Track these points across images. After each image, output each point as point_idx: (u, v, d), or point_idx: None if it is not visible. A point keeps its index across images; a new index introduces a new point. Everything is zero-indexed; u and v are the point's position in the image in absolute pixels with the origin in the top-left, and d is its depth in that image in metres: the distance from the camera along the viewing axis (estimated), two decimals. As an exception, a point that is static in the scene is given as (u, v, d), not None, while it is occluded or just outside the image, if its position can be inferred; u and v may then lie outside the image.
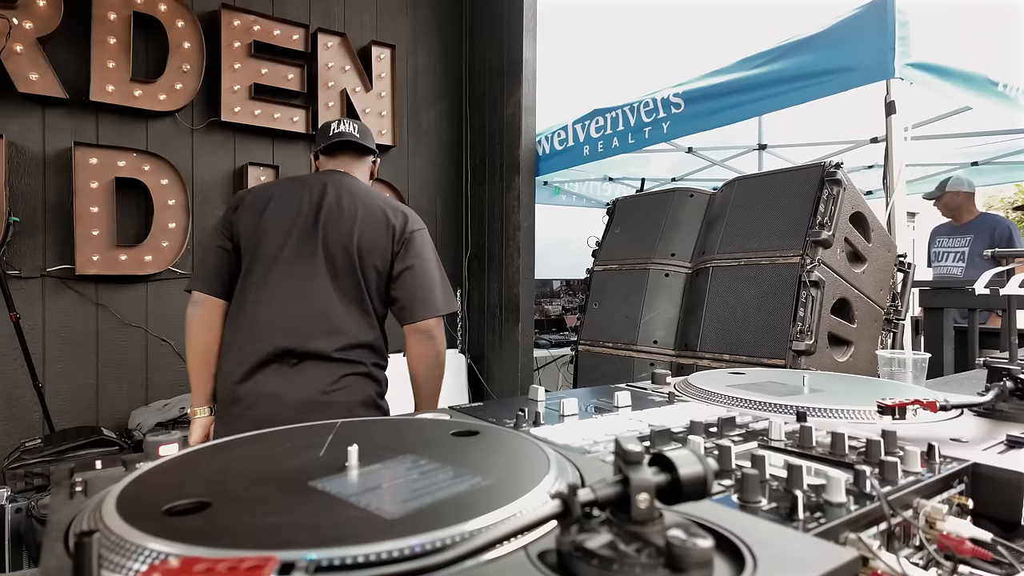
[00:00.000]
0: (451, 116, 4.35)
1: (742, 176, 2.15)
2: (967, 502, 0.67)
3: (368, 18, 3.96)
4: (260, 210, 1.69)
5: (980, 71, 2.58)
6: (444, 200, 4.32)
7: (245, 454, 0.65)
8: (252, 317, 1.61)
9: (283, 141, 3.59)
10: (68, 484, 0.58)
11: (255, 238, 1.66)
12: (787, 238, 1.80)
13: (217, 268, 1.68)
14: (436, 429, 0.73)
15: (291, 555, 0.37)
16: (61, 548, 0.45)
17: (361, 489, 0.51)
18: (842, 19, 2.48)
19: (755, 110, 2.87)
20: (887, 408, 0.80)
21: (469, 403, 1.04)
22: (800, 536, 0.45)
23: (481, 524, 0.42)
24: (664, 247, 2.17)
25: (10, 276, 2.79)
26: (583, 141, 3.70)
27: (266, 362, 1.57)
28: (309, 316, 1.60)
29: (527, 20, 3.83)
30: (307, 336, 1.58)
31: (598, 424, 0.87)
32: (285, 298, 1.61)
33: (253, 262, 1.66)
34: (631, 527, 0.38)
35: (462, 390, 4.13)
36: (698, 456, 0.41)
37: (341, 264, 1.65)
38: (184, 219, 3.20)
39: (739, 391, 1.02)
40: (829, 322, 1.73)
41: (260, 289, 1.62)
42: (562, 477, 0.53)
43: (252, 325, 1.60)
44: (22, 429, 2.85)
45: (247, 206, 1.72)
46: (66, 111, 2.97)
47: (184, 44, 3.21)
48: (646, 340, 2.09)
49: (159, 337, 3.20)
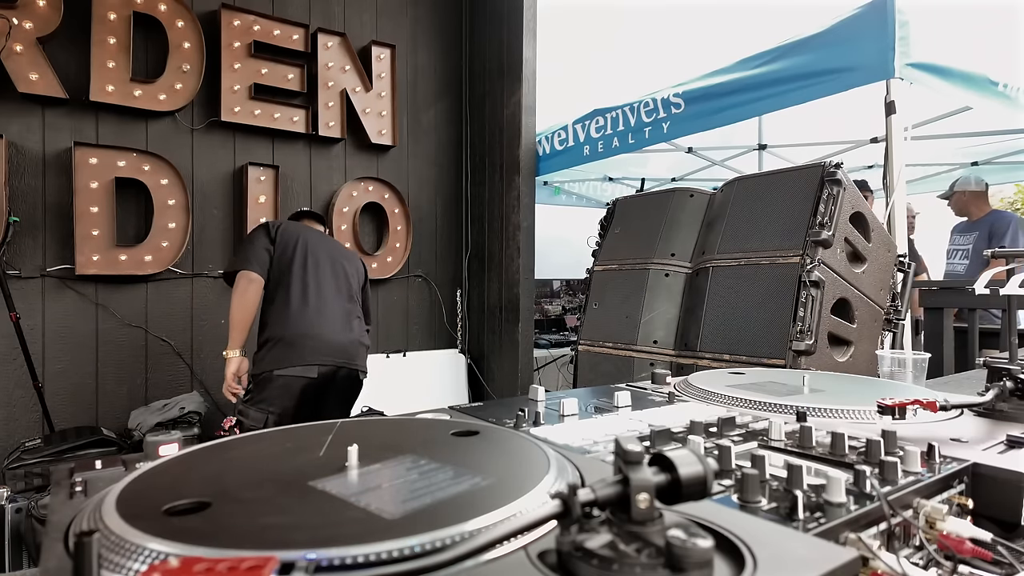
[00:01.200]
0: (451, 116, 4.35)
1: (742, 176, 2.15)
2: (967, 502, 0.67)
3: (368, 18, 3.96)
4: (296, 234, 2.54)
5: (980, 71, 2.58)
6: (444, 200, 4.32)
7: (245, 454, 0.65)
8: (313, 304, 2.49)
9: (283, 141, 3.59)
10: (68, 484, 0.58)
11: (302, 251, 2.50)
12: (787, 238, 1.80)
13: (265, 259, 2.43)
14: (436, 429, 0.73)
15: (291, 555, 0.37)
16: (61, 548, 0.45)
17: (361, 489, 0.51)
18: (842, 19, 2.48)
19: (755, 110, 2.87)
20: (887, 408, 0.80)
21: (469, 403, 1.04)
22: (800, 536, 0.45)
23: (481, 524, 0.42)
24: (664, 247, 2.17)
25: (10, 276, 2.79)
26: (583, 141, 3.70)
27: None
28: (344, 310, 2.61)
29: (527, 20, 3.83)
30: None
31: (598, 424, 0.87)
32: (328, 294, 2.53)
33: (302, 266, 2.48)
34: (631, 527, 0.38)
35: (462, 390, 4.13)
36: (698, 456, 0.41)
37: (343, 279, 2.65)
38: (184, 219, 3.20)
39: (739, 391, 1.02)
40: (829, 322, 1.73)
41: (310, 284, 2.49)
42: (562, 477, 0.53)
43: (321, 309, 2.49)
44: (22, 429, 2.85)
45: (285, 228, 2.54)
46: (66, 111, 2.97)
47: (184, 44, 3.21)
48: (646, 340, 2.09)
49: (159, 337, 3.20)
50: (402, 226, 4.02)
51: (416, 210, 4.12)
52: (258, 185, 3.43)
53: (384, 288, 3.99)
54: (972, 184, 4.05)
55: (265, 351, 2.41)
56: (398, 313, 4.07)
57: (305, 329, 2.43)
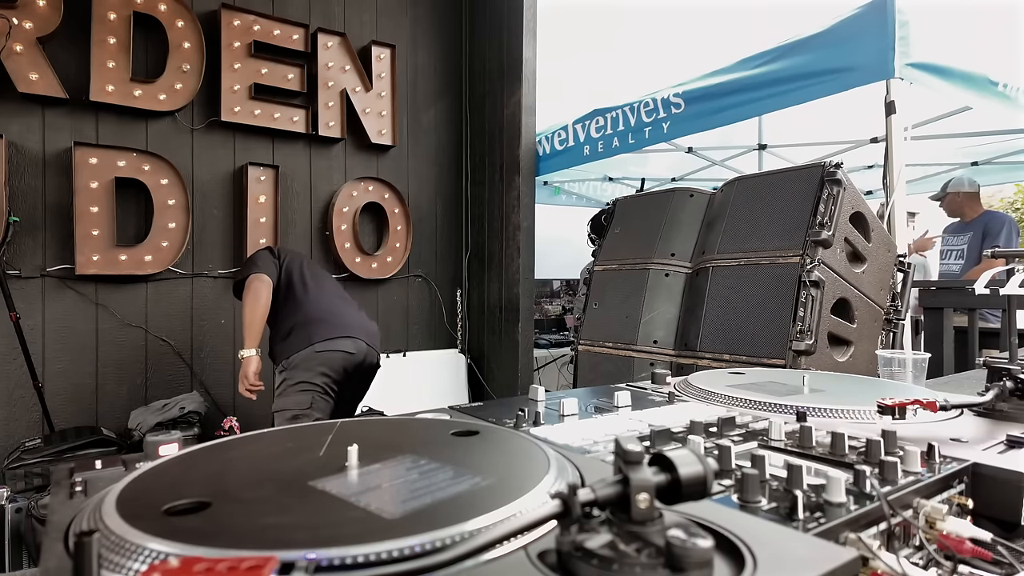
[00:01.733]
0: (451, 116, 4.35)
1: (742, 176, 2.15)
2: (967, 502, 0.67)
3: (368, 18, 3.96)
4: (294, 254, 2.77)
5: (980, 71, 2.58)
6: (444, 200, 4.32)
7: (245, 454, 0.65)
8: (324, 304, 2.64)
9: (283, 141, 3.59)
10: (68, 484, 0.58)
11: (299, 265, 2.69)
12: (787, 238, 1.80)
13: (273, 269, 2.57)
14: (436, 429, 0.73)
15: (291, 555, 0.37)
16: (61, 548, 0.45)
17: (361, 489, 0.51)
18: (842, 19, 2.48)
19: (755, 110, 2.87)
20: (887, 408, 0.80)
21: (469, 403, 1.04)
22: (800, 536, 0.45)
23: (481, 524, 0.42)
24: (664, 247, 2.17)
25: (10, 276, 2.79)
26: (583, 141, 3.70)
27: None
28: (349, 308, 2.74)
29: (527, 20, 3.83)
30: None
31: (598, 424, 0.87)
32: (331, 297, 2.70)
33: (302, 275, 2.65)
34: (631, 527, 0.38)
35: (462, 390, 4.13)
36: (698, 456, 0.41)
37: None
38: (184, 219, 3.20)
39: (739, 391, 1.02)
40: (829, 322, 1.73)
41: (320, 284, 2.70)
42: (562, 477, 0.53)
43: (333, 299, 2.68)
44: (22, 429, 2.85)
45: (283, 249, 2.78)
46: (66, 111, 2.97)
47: (184, 44, 3.21)
48: (646, 340, 2.09)
49: (159, 337, 3.20)
50: (402, 226, 4.02)
51: (416, 210, 4.12)
52: (258, 185, 3.44)
53: (384, 288, 3.99)
54: (966, 185, 4.06)
55: (293, 336, 2.47)
56: (398, 313, 4.07)
57: (329, 308, 2.58)
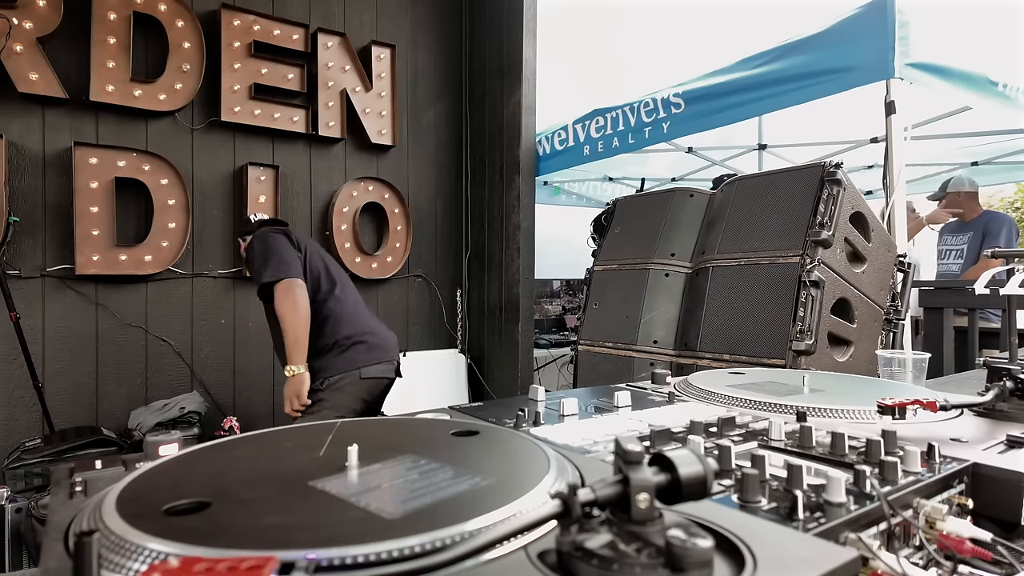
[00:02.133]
0: (451, 116, 4.35)
1: (742, 176, 2.15)
2: (967, 502, 0.67)
3: (368, 18, 3.96)
4: (303, 239, 2.49)
5: (980, 71, 2.58)
6: (444, 200, 4.32)
7: (245, 454, 0.65)
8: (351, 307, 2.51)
9: (283, 141, 3.59)
10: (68, 484, 0.58)
11: (318, 256, 2.48)
12: (787, 238, 1.80)
13: (299, 267, 2.33)
14: (436, 429, 0.73)
15: (291, 555, 0.37)
16: (61, 548, 0.45)
17: (361, 489, 0.51)
18: (842, 19, 2.48)
19: (755, 110, 2.87)
20: (887, 408, 0.80)
21: (469, 403, 1.04)
22: (800, 536, 0.45)
23: (481, 524, 0.42)
24: (664, 247, 2.17)
25: (10, 276, 2.79)
26: (583, 141, 3.69)
27: None
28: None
29: (527, 20, 3.83)
30: None
31: (598, 424, 0.87)
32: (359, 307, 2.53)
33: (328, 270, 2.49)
34: (631, 527, 0.38)
35: (462, 390, 4.13)
36: (698, 456, 0.41)
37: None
38: (184, 219, 3.20)
39: (739, 391, 1.02)
40: (829, 322, 1.73)
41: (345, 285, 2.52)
42: (562, 477, 0.53)
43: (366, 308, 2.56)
44: (22, 429, 2.85)
45: (295, 234, 2.47)
46: (66, 111, 2.97)
47: (184, 44, 3.21)
48: (646, 340, 2.09)
49: (159, 337, 3.20)
50: (402, 226, 4.02)
51: (416, 210, 4.12)
52: (258, 185, 3.43)
53: (384, 288, 3.99)
54: (966, 185, 4.06)
55: (335, 354, 2.32)
56: (398, 313, 4.07)
57: (372, 327, 2.45)
